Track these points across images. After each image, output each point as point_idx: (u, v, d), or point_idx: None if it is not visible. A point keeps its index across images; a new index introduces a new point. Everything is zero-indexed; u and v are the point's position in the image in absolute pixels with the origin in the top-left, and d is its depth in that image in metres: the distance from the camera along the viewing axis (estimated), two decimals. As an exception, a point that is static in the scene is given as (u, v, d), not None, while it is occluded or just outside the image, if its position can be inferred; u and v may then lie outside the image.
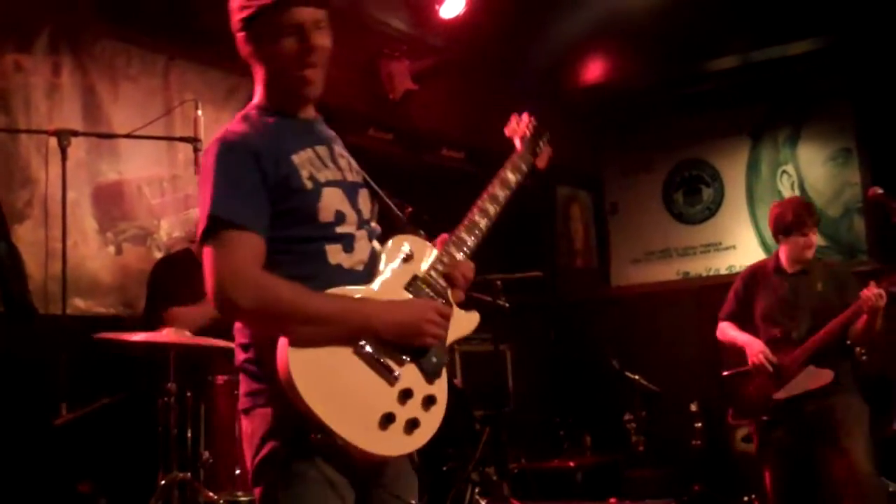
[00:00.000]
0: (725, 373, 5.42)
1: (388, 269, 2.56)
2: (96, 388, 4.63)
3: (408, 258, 2.59)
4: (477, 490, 5.64)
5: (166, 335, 4.32)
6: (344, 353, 2.34)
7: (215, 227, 2.33)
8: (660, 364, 7.85)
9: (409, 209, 5.07)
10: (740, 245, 8.74)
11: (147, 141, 5.28)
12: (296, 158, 2.46)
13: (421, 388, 2.43)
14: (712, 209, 8.94)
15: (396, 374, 2.39)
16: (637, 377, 7.25)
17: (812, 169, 8.45)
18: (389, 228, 2.68)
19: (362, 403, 2.32)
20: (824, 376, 5.02)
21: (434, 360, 2.48)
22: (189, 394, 4.45)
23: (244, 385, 2.49)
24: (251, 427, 2.44)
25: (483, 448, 5.94)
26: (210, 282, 2.32)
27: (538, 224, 9.09)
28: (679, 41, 7.75)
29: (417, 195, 5.27)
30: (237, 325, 2.49)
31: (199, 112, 4.71)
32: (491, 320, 6.12)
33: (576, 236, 9.50)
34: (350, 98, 6.79)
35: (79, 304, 5.24)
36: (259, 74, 2.59)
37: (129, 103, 5.61)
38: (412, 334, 2.42)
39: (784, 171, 8.53)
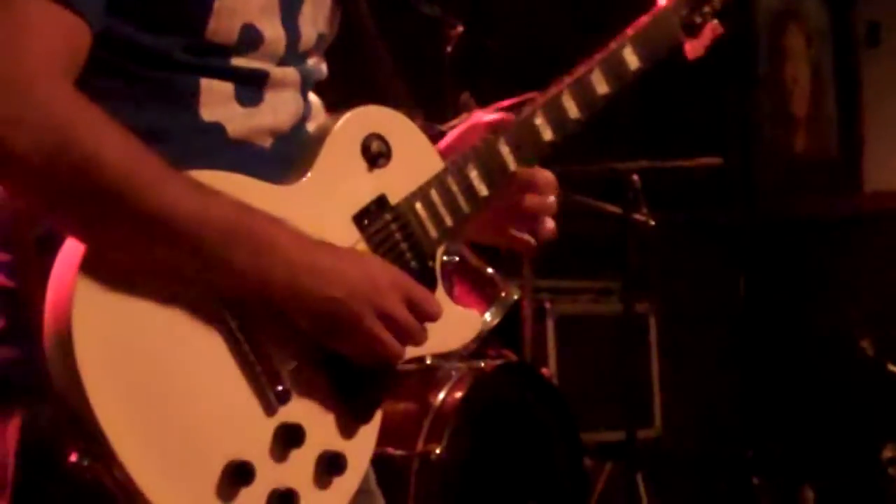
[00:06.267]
0: None
1: (330, 166, 2.16)
2: None
3: (376, 156, 2.20)
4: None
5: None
6: (189, 317, 1.92)
7: None
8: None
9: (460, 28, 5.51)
10: None
11: None
12: None
13: (323, 435, 2.00)
14: None
15: (282, 388, 1.96)
16: (910, 374, 6.73)
17: None
18: (362, 90, 2.60)
19: (198, 429, 1.88)
20: None
21: (366, 383, 2.13)
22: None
23: None
24: None
25: (599, 501, 6.28)
26: None
27: (724, 64, 7.67)
28: None
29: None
30: None
31: None
32: (619, 256, 6.29)
33: (796, 90, 8.70)
34: None
35: None
36: None
37: None
38: (339, 329, 1.97)
39: None
